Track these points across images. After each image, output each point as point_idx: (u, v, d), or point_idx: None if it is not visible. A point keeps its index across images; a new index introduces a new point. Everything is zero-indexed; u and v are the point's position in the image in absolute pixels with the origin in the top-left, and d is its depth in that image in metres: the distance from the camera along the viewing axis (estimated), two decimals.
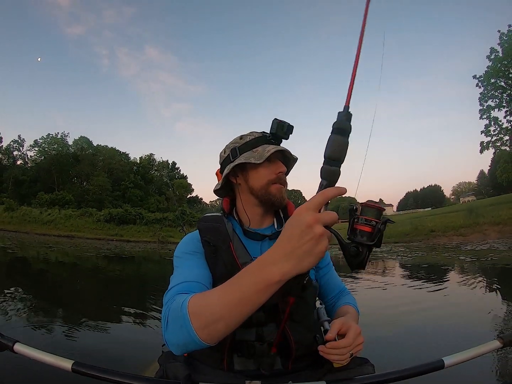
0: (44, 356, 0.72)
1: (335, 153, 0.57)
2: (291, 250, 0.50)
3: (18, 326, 3.17)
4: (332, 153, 0.57)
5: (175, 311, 0.62)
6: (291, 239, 0.50)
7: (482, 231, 14.08)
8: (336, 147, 0.57)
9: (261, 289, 0.51)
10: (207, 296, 0.60)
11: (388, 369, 0.70)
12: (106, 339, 2.99)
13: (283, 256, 0.50)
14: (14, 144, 50.09)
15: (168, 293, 0.73)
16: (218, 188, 0.96)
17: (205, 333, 0.56)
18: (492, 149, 22.20)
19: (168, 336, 0.63)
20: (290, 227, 0.51)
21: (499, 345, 0.75)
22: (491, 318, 3.36)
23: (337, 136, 0.57)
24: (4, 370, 2.01)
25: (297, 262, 0.50)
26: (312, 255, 0.49)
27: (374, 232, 0.55)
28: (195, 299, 0.61)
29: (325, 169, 0.57)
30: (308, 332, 0.85)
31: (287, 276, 0.51)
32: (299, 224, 0.50)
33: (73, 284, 6.08)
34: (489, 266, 6.99)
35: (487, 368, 2.10)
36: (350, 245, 0.55)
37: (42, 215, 27.22)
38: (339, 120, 0.58)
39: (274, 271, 0.50)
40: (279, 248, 0.51)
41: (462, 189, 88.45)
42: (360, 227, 0.55)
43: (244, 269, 0.56)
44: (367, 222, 0.55)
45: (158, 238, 20.71)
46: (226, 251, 0.84)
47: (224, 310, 0.54)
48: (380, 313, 3.64)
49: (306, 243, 0.49)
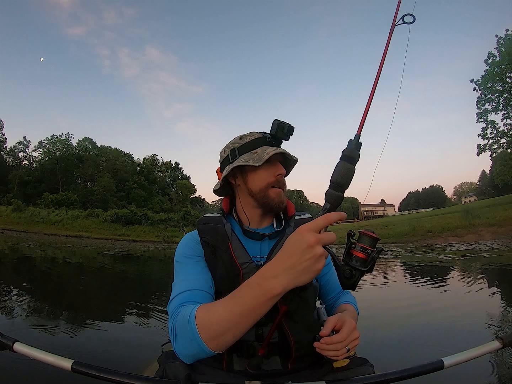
0: (44, 355, 0.73)
1: (342, 180, 0.61)
2: (292, 265, 0.53)
3: (19, 325, 3.21)
4: (339, 179, 0.61)
5: (182, 325, 0.65)
6: (292, 256, 0.54)
7: (477, 232, 14.28)
8: (343, 174, 0.61)
9: (263, 301, 0.55)
10: (212, 309, 0.62)
11: (388, 369, 0.70)
12: (106, 338, 3.01)
13: (284, 270, 0.54)
14: (20, 145, 50.69)
15: (172, 303, 0.76)
16: (217, 188, 0.96)
17: (214, 344, 0.60)
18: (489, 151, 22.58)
19: (179, 348, 0.67)
20: (292, 244, 0.55)
21: (499, 345, 0.75)
22: (491, 318, 3.34)
23: (345, 164, 0.61)
24: (4, 370, 2.01)
25: (296, 277, 0.54)
26: (310, 272, 0.53)
27: (368, 260, 0.58)
28: (201, 312, 0.63)
29: (330, 193, 0.61)
30: (308, 332, 0.86)
31: (287, 289, 0.55)
32: (301, 243, 0.53)
33: (80, 283, 6.18)
34: (488, 266, 7.15)
35: (487, 368, 2.10)
36: (345, 268, 0.60)
37: (49, 215, 27.74)
38: (349, 148, 0.61)
39: (275, 284, 0.54)
40: (280, 262, 0.55)
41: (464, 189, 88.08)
42: (356, 253, 0.59)
43: (246, 282, 0.59)
44: (362, 250, 0.59)
45: (163, 238, 21.18)
46: (225, 251, 0.84)
47: (230, 322, 0.58)
48: (380, 313, 3.66)
49: (306, 261, 0.53)
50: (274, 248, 0.86)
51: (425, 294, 4.71)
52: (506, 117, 21.73)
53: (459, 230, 15.02)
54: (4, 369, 2.00)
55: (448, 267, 7.44)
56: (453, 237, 14.43)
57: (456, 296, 4.54)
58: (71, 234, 23.55)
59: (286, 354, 0.83)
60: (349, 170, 0.61)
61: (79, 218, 27.33)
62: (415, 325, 3.28)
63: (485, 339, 0.90)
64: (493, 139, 22.23)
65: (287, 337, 0.82)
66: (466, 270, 6.82)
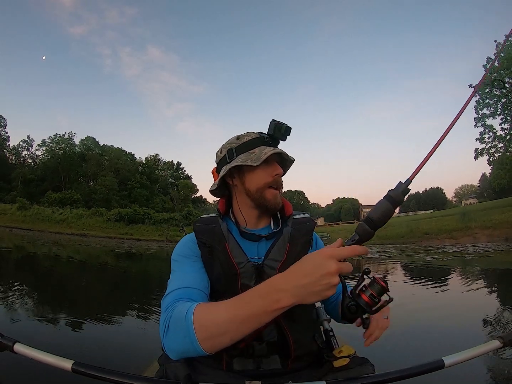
0: (44, 356, 0.73)
1: (379, 219, 0.60)
2: (305, 285, 0.54)
3: (19, 325, 3.24)
4: (376, 218, 0.60)
5: (178, 319, 0.63)
6: (308, 276, 0.54)
7: (472, 234, 14.57)
8: (382, 214, 0.60)
9: (269, 311, 0.55)
10: (213, 309, 0.61)
11: (388, 369, 0.70)
12: (107, 339, 3.02)
13: (296, 287, 0.54)
14: (24, 144, 51.06)
15: (166, 298, 0.74)
16: (214, 188, 0.95)
17: (208, 344, 0.59)
18: (486, 156, 22.87)
19: (168, 342, 0.64)
20: (312, 265, 0.55)
21: (499, 345, 0.75)
22: (491, 318, 3.36)
23: (389, 205, 0.60)
24: (4, 371, 2.01)
25: (305, 296, 0.54)
26: (319, 296, 0.54)
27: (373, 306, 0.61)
28: (200, 311, 0.62)
29: (364, 228, 0.60)
30: (307, 331, 0.86)
31: (293, 305, 0.55)
32: (322, 268, 0.53)
33: (81, 282, 6.20)
34: (487, 267, 7.35)
35: (487, 368, 2.11)
36: (351, 302, 0.61)
37: (54, 214, 28.16)
38: (397, 191, 0.60)
39: (283, 297, 0.55)
40: (294, 277, 0.55)
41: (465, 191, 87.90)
42: (364, 297, 0.61)
43: (254, 288, 0.59)
44: (371, 297, 0.60)
45: (166, 237, 21.51)
46: (222, 251, 0.84)
47: (231, 325, 0.57)
48: None
49: (320, 286, 0.53)
50: (271, 248, 0.87)
51: (424, 294, 4.75)
52: (504, 122, 22.03)
53: (455, 232, 15.27)
54: (4, 370, 2.00)
55: (452, 267, 7.65)
56: (449, 239, 14.67)
57: (456, 296, 4.59)
58: (76, 232, 23.89)
59: (286, 353, 0.83)
60: (389, 211, 0.61)
61: (83, 217, 27.71)
62: (415, 325, 3.29)
63: (485, 339, 0.90)
64: (491, 144, 22.50)
65: (286, 337, 0.82)
66: (468, 271, 6.95)
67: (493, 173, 25.78)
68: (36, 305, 4.19)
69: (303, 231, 0.91)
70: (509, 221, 14.68)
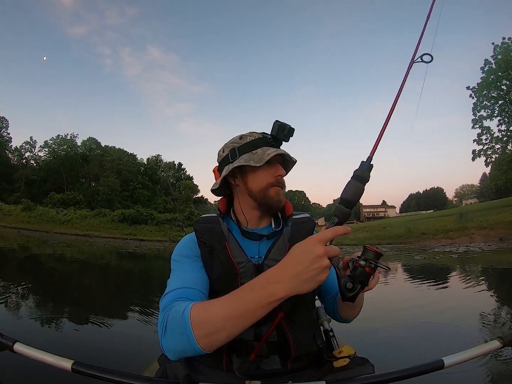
0: (44, 355, 0.73)
1: (352, 198, 0.64)
2: (298, 273, 0.55)
3: (19, 325, 3.22)
4: (349, 197, 0.64)
5: (175, 318, 0.64)
6: (299, 264, 0.56)
7: (469, 234, 14.80)
8: (354, 193, 0.64)
9: (264, 305, 0.57)
10: (209, 306, 0.62)
11: (388, 369, 0.70)
12: (107, 338, 3.02)
13: (289, 277, 0.56)
14: (26, 145, 51.29)
15: (165, 297, 0.74)
16: (216, 187, 0.94)
17: (205, 341, 0.59)
18: (483, 157, 23.15)
19: (166, 342, 0.65)
20: (300, 252, 0.57)
21: (499, 345, 0.75)
22: (491, 318, 3.38)
23: (357, 183, 0.65)
24: (4, 370, 2.00)
25: (300, 284, 0.56)
26: (314, 282, 0.56)
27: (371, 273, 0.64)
28: (197, 308, 0.62)
29: (340, 209, 0.64)
30: (307, 331, 0.86)
31: (289, 295, 0.57)
32: (310, 253, 0.56)
33: (84, 282, 6.23)
34: (487, 267, 7.45)
35: (487, 368, 2.11)
36: (347, 280, 0.63)
37: (58, 215, 28.47)
38: (362, 169, 0.66)
39: (279, 289, 0.56)
40: (286, 268, 0.57)
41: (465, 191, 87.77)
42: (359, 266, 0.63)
43: (248, 283, 0.61)
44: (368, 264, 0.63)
45: (169, 237, 21.86)
46: (222, 251, 0.84)
47: (227, 321, 0.58)
48: (380, 314, 3.67)
49: (312, 271, 0.55)
50: (271, 248, 0.87)
51: (424, 294, 4.78)
52: (501, 123, 22.33)
53: (452, 232, 15.52)
54: (4, 370, 1.99)
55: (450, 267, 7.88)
56: (446, 239, 14.91)
57: (456, 296, 4.66)
58: (80, 233, 24.18)
59: (286, 353, 0.83)
60: (359, 189, 0.65)
61: (87, 218, 28.02)
62: (416, 324, 3.29)
63: (484, 339, 0.90)
64: (488, 145, 22.84)
65: (286, 337, 0.82)
66: (468, 271, 7.12)
67: (491, 174, 25.99)
68: (36, 304, 4.20)
69: (303, 231, 0.92)
70: (505, 222, 14.94)
